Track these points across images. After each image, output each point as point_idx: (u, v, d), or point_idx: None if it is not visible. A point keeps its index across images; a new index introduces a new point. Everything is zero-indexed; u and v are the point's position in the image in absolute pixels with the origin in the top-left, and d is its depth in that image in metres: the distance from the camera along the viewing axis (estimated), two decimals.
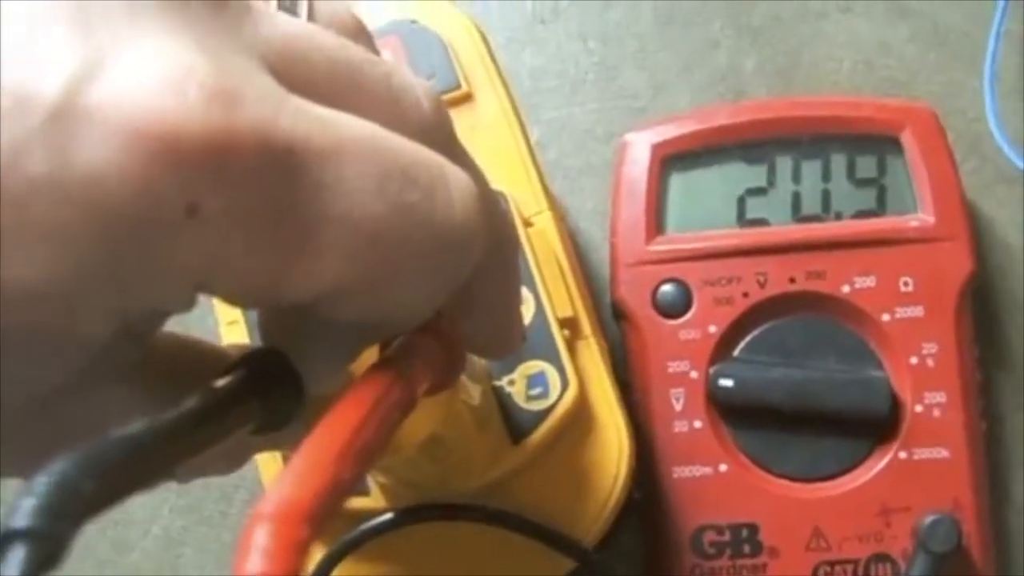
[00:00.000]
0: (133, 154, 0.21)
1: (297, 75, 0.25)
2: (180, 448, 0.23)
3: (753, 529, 0.45)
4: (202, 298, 0.25)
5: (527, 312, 0.41)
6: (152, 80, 0.22)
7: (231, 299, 0.26)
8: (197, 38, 0.23)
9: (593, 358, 0.43)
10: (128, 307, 0.23)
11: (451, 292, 0.27)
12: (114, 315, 0.23)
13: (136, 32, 0.22)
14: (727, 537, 0.45)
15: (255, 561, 0.20)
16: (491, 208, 0.29)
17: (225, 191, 0.22)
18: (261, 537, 0.21)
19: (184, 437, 0.23)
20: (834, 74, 0.53)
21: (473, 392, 0.38)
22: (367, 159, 0.24)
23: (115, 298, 0.23)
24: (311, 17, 0.28)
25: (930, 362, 0.45)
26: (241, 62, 0.23)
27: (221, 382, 0.26)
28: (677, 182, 0.48)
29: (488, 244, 0.28)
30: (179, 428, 0.23)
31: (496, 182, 0.42)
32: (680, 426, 0.46)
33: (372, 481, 0.40)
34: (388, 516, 0.40)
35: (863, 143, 0.48)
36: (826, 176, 0.48)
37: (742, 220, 0.48)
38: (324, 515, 0.22)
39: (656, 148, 0.49)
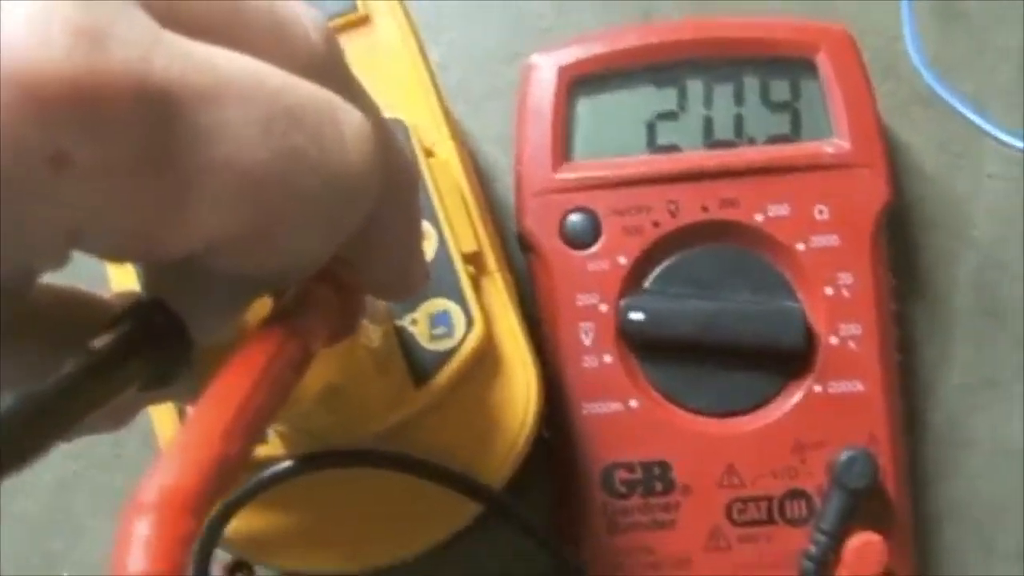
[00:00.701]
0: None
1: (172, 8, 0.22)
2: (58, 420, 0.21)
3: (665, 466, 0.44)
4: None
5: (429, 248, 0.39)
6: (10, 18, 0.19)
7: (107, 255, 0.23)
8: None
9: (499, 294, 0.41)
10: None
11: (345, 238, 0.25)
12: None
13: None
14: (639, 475, 0.44)
15: (137, 557, 0.18)
16: (388, 146, 0.27)
17: (95, 140, 0.20)
18: (142, 529, 0.19)
19: (62, 407, 0.21)
20: None
21: (373, 334, 0.36)
22: (249, 100, 0.22)
23: None
24: None
25: (845, 292, 0.44)
26: None
27: (100, 341, 0.23)
28: (585, 106, 0.46)
29: (385, 185, 0.26)
30: (56, 397, 0.21)
31: (395, 110, 0.40)
32: (590, 361, 0.44)
33: (270, 429, 0.38)
34: (286, 464, 0.38)
35: (777, 66, 0.46)
36: (739, 100, 0.46)
37: (652, 146, 0.46)
38: (211, 499, 0.20)
39: (563, 71, 0.46)
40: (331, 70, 0.25)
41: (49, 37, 0.19)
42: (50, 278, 0.26)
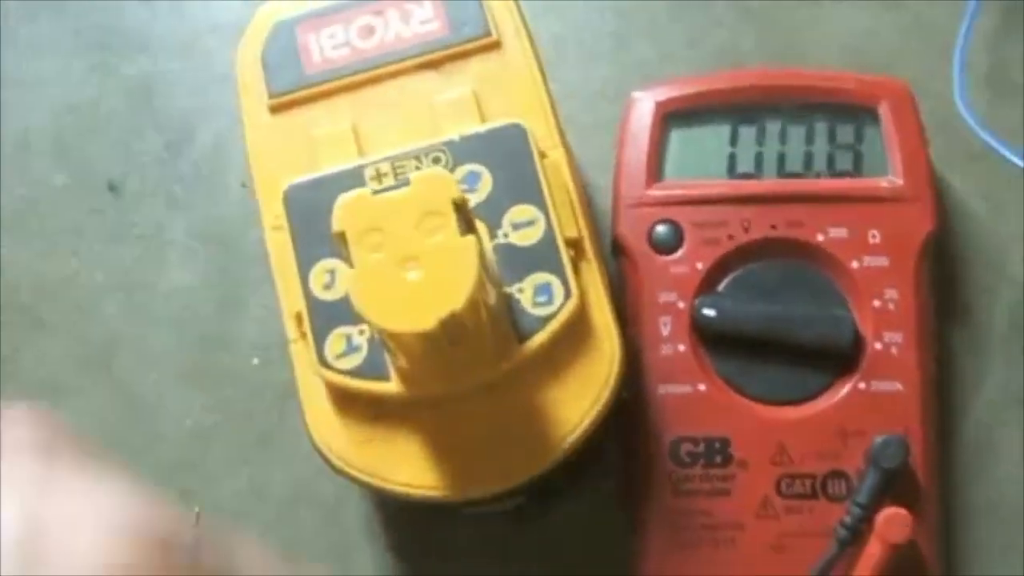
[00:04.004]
0: None
1: None
2: None
3: (725, 443, 0.51)
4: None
5: (538, 231, 0.47)
6: None
7: None
8: None
9: (593, 277, 0.48)
10: None
11: None
12: None
13: None
14: (701, 448, 0.51)
15: None
16: None
17: None
18: None
19: None
20: (824, 55, 0.59)
21: (489, 293, 0.44)
22: None
23: None
24: None
25: (891, 306, 0.51)
26: None
27: None
28: (676, 135, 0.54)
29: None
30: None
31: (519, 118, 0.48)
32: (666, 349, 0.52)
33: (392, 366, 0.46)
34: None
35: (844, 112, 0.54)
36: (809, 140, 0.54)
37: (732, 173, 0.54)
38: None
39: (659, 105, 0.55)
40: None
41: None
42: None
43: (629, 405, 0.51)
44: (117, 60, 0.64)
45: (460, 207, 0.42)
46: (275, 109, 0.51)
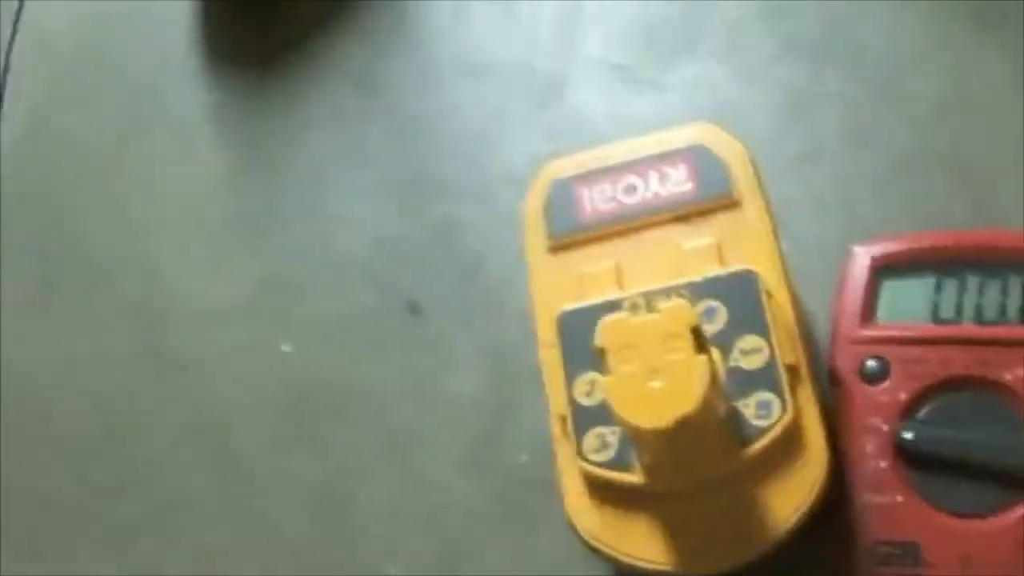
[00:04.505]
0: None
1: None
2: None
3: (916, 547, 0.59)
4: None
5: (762, 358, 0.57)
6: None
7: None
8: None
9: (807, 397, 0.57)
10: None
11: None
12: None
13: None
14: (897, 551, 0.59)
15: None
16: None
17: None
18: None
19: None
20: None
21: (719, 404, 0.54)
22: None
23: None
24: None
25: None
26: None
27: None
28: (888, 284, 0.64)
29: None
30: None
31: (752, 264, 0.58)
32: (870, 465, 0.61)
33: (637, 461, 0.56)
34: None
35: None
36: (1004, 293, 0.63)
37: (935, 318, 0.63)
38: None
39: (875, 259, 0.64)
40: None
41: None
42: None
43: (835, 510, 0.60)
44: (422, 203, 0.77)
45: (697, 333, 0.52)
46: (553, 249, 0.62)
